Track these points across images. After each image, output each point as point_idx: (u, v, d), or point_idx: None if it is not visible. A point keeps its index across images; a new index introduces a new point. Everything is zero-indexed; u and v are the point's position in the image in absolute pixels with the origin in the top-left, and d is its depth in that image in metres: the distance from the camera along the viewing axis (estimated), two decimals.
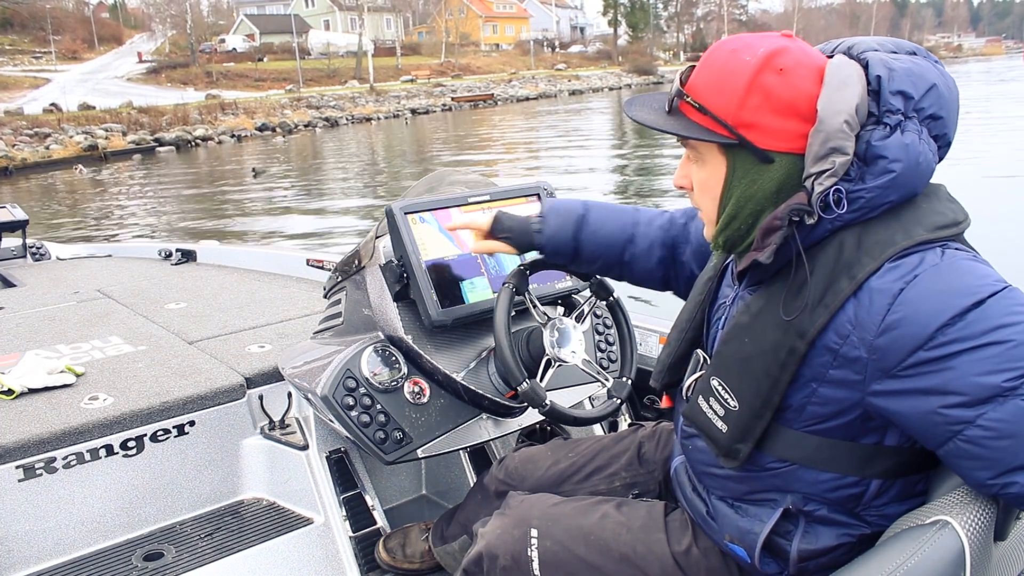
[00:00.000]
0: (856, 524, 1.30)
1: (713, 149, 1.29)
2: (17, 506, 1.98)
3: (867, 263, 1.17)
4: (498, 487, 1.91)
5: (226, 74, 52.31)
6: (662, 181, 17.11)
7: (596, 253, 1.77)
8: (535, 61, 75.52)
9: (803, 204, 1.20)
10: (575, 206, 1.79)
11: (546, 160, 21.83)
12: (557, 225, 1.76)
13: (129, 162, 26.97)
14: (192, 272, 3.81)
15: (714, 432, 1.35)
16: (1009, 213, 10.37)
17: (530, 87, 58.30)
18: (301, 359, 2.09)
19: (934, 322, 1.10)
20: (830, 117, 1.18)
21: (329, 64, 57.60)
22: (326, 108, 41.20)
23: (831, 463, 1.27)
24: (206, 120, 34.30)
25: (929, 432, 1.14)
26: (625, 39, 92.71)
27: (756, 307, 1.30)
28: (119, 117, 31.49)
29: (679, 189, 1.40)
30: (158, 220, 15.86)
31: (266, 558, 2.07)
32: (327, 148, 29.32)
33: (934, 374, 1.11)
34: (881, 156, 1.18)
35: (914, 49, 1.28)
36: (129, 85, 46.49)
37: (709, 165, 1.31)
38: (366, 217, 14.92)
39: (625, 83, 67.01)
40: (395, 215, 1.97)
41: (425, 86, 53.46)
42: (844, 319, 1.18)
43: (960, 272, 1.14)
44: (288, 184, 19.49)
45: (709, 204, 1.34)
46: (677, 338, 1.56)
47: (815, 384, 1.23)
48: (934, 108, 1.21)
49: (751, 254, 1.27)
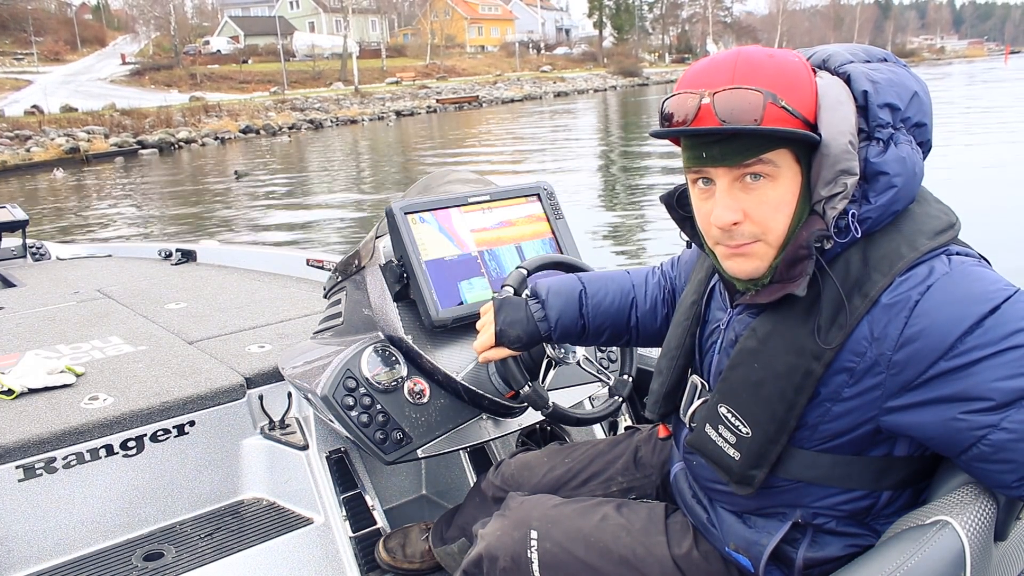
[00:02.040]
0: (864, 534, 1.29)
1: (789, 158, 1.20)
2: (17, 506, 1.98)
3: (877, 279, 1.16)
4: (495, 493, 1.91)
5: (210, 76, 52.12)
6: (648, 179, 17.17)
7: (603, 325, 1.70)
8: (520, 63, 75.57)
9: (823, 230, 1.18)
10: (571, 282, 1.72)
11: (531, 163, 21.82)
12: (560, 306, 1.67)
13: (111, 165, 26.76)
14: (192, 272, 3.80)
15: (726, 460, 1.32)
16: (985, 210, 10.52)
17: (515, 89, 58.30)
18: (301, 359, 2.09)
19: (954, 331, 1.10)
20: (834, 139, 1.17)
21: (314, 66, 57.45)
22: (310, 110, 41.07)
23: (845, 480, 1.26)
24: (189, 122, 34.09)
25: (951, 440, 1.13)
26: (610, 41, 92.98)
27: (764, 331, 1.27)
28: (101, 119, 31.26)
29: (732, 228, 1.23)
30: (139, 224, 15.74)
31: (266, 558, 2.07)
32: (311, 150, 29.19)
33: (956, 382, 1.10)
34: (882, 172, 1.17)
35: (885, 56, 1.28)
36: (112, 87, 46.23)
37: (784, 177, 1.21)
38: (350, 218, 14.89)
39: (610, 85, 67.11)
40: (395, 215, 1.98)
41: (410, 88, 53.38)
42: (860, 337, 1.17)
43: (972, 279, 1.14)
44: (271, 187, 19.39)
45: (782, 223, 1.22)
46: (668, 366, 1.52)
47: (829, 404, 1.21)
48: (918, 116, 1.22)
49: (781, 286, 1.22)
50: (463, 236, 2.06)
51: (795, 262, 1.20)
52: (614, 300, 1.71)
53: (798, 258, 1.20)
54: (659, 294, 1.74)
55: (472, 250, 2.07)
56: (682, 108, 1.21)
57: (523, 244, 2.14)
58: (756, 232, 1.23)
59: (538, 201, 2.21)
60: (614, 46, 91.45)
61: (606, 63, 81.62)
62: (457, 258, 2.04)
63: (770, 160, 1.19)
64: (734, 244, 1.25)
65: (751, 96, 1.15)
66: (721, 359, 1.39)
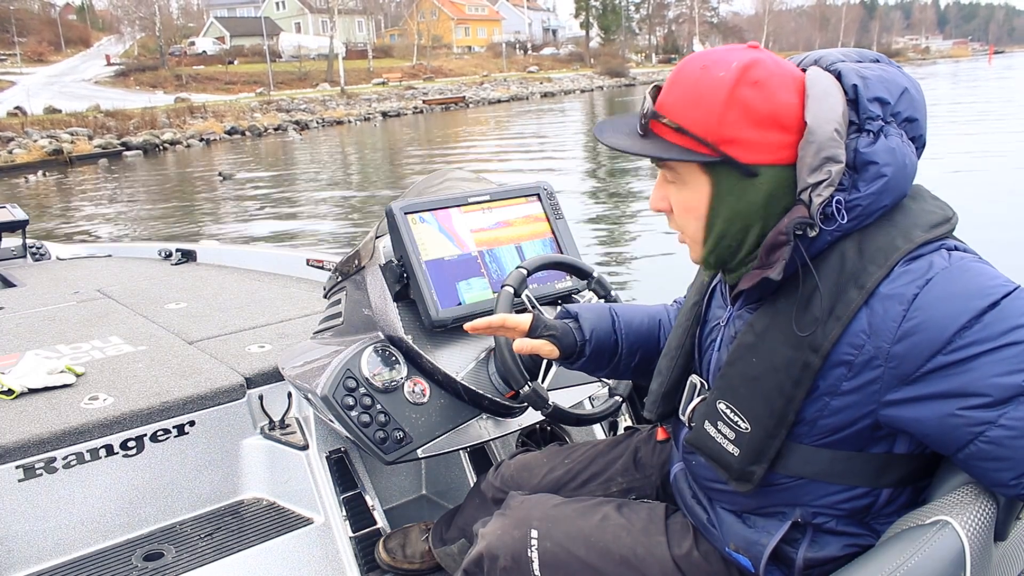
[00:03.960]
0: (864, 533, 1.29)
1: (694, 169, 1.26)
2: (17, 506, 1.98)
3: (874, 271, 1.17)
4: (495, 494, 1.90)
5: (196, 77, 51.89)
6: (637, 183, 17.21)
7: (636, 344, 1.69)
8: (507, 63, 75.59)
9: (805, 217, 1.19)
10: (601, 305, 1.74)
11: (520, 162, 21.83)
12: (594, 320, 1.67)
13: (95, 167, 26.58)
14: (192, 272, 3.80)
15: (725, 457, 1.32)
16: (970, 208, 10.59)
17: (502, 89, 58.30)
18: (301, 359, 2.09)
19: (952, 325, 1.10)
20: (820, 127, 1.18)
21: (300, 67, 57.29)
22: (296, 111, 40.93)
23: (845, 476, 1.26)
24: (174, 124, 33.88)
25: (948, 436, 1.13)
26: (597, 41, 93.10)
27: (761, 325, 1.28)
28: (85, 121, 31.03)
29: (657, 212, 1.37)
30: (123, 225, 15.64)
31: (266, 558, 2.07)
32: (296, 151, 29.11)
33: (953, 377, 1.11)
34: (871, 162, 1.18)
35: (877, 57, 1.30)
36: (97, 88, 45.96)
37: (691, 185, 1.28)
38: (336, 219, 14.85)
39: (597, 85, 67.20)
40: (395, 215, 1.98)
41: (396, 89, 53.27)
42: (857, 329, 1.17)
43: (971, 274, 1.15)
44: (256, 188, 19.32)
45: (694, 225, 1.31)
46: (668, 366, 1.52)
47: (827, 398, 1.22)
48: (909, 111, 1.23)
49: (758, 272, 1.25)
50: (463, 236, 2.07)
51: (774, 248, 1.22)
52: (642, 321, 1.72)
53: (777, 244, 1.21)
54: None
55: (472, 250, 2.07)
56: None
57: (523, 244, 2.15)
58: (678, 224, 1.35)
59: (538, 201, 2.21)
60: (601, 46, 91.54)
61: (593, 63, 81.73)
62: (457, 258, 2.04)
63: (672, 167, 1.29)
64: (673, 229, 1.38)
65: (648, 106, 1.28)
66: (720, 356, 1.40)
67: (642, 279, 9.26)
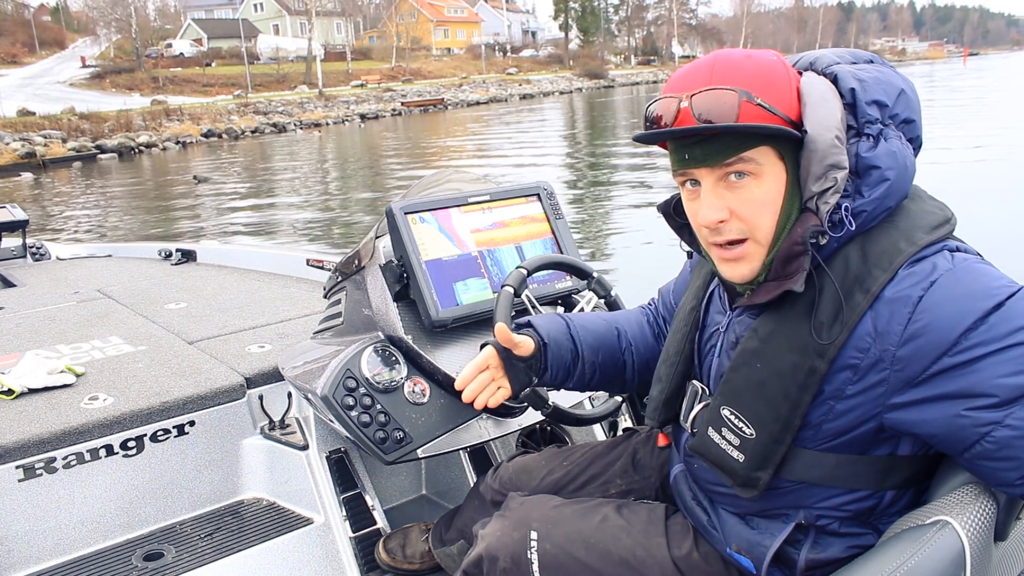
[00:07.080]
0: (866, 533, 1.29)
1: (771, 156, 1.22)
2: (17, 506, 1.97)
3: (878, 275, 1.17)
4: (493, 496, 1.90)
5: (173, 79, 51.52)
6: (620, 174, 17.24)
7: (595, 346, 1.67)
8: (486, 65, 75.53)
9: (818, 225, 1.20)
10: (553, 313, 1.73)
11: (498, 163, 21.82)
12: (548, 325, 1.65)
13: (68, 170, 26.31)
14: (192, 272, 3.80)
15: (729, 463, 1.32)
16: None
17: (481, 91, 58.33)
18: (301, 359, 2.10)
19: (958, 327, 1.10)
20: (820, 135, 1.19)
21: (278, 69, 57.03)
22: (274, 114, 40.82)
23: (849, 480, 1.26)
24: (150, 126, 33.67)
25: (954, 437, 1.13)
26: (576, 43, 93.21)
27: (765, 331, 1.27)
28: (59, 123, 30.78)
29: (716, 226, 1.25)
30: (97, 229, 15.50)
31: (266, 558, 2.07)
32: (273, 154, 28.96)
33: (960, 378, 1.11)
34: (874, 166, 1.19)
35: (871, 58, 1.31)
36: (72, 90, 45.56)
37: (769, 175, 1.23)
38: (312, 222, 14.80)
39: (576, 87, 67.45)
40: (395, 215, 1.98)
41: (375, 91, 53.15)
42: (863, 333, 1.17)
43: (975, 275, 1.15)
44: (230, 191, 19.21)
45: (769, 221, 1.24)
46: (668, 373, 1.51)
47: (833, 402, 1.22)
48: (907, 112, 1.25)
49: (776, 284, 1.24)
50: (463, 236, 2.07)
51: (791, 259, 1.22)
52: (599, 327, 1.70)
53: (793, 254, 1.21)
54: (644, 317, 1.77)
55: (472, 250, 2.08)
56: (663, 112, 1.24)
57: (523, 244, 2.15)
58: (744, 229, 1.25)
59: (538, 201, 2.22)
60: (580, 48, 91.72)
61: (572, 65, 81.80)
62: (457, 258, 2.05)
63: (751, 158, 1.21)
64: (723, 241, 1.27)
65: (726, 96, 1.18)
66: (721, 362, 1.39)
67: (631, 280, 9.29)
